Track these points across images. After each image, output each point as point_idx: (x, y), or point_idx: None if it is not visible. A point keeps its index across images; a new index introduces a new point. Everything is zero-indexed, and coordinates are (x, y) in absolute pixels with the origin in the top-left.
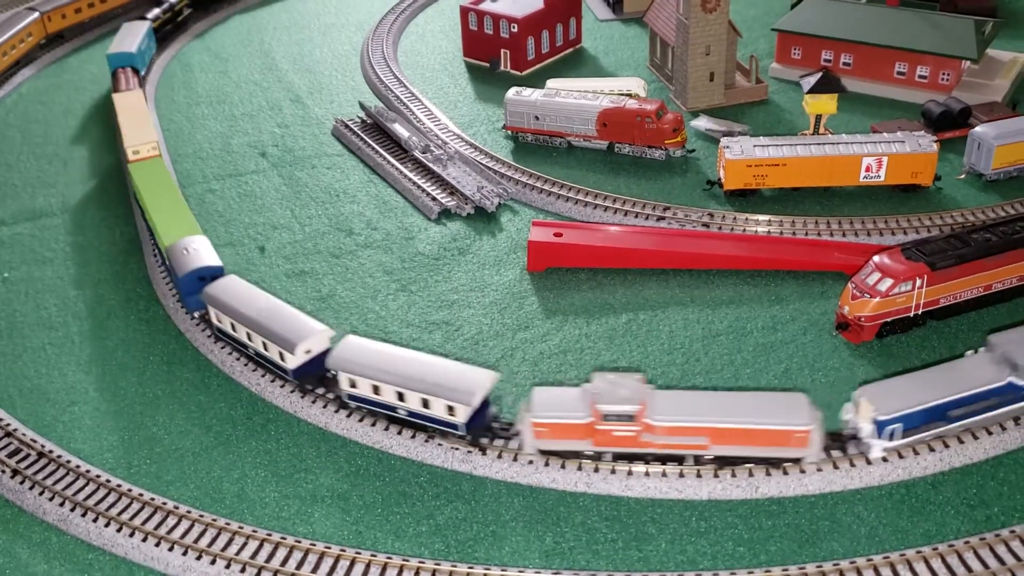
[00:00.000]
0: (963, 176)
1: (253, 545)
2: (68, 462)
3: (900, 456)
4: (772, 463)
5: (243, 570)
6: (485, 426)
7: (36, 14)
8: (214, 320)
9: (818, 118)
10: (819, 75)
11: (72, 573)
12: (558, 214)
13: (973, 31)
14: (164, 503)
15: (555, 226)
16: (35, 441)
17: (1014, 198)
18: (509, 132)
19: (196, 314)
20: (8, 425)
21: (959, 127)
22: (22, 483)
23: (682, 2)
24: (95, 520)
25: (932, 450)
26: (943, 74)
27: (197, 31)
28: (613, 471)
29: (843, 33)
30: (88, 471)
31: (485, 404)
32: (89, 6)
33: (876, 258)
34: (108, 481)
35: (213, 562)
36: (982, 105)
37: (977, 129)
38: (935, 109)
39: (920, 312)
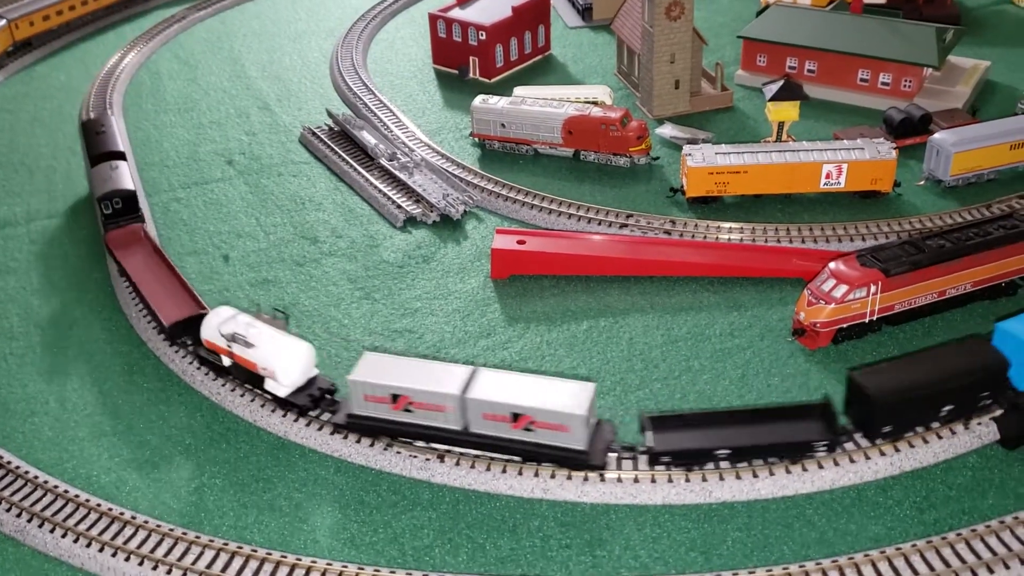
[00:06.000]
0: (922, 183)
1: (210, 555)
2: (26, 473)
3: (851, 460)
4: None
5: None
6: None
7: (3, 21)
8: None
9: (780, 125)
10: (781, 82)
11: None
12: (523, 221)
13: (935, 38)
14: (121, 513)
15: (519, 234)
16: None
17: (971, 204)
18: (476, 139)
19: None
20: None
21: (920, 134)
22: None
23: (647, 10)
24: (52, 531)
25: (883, 454)
26: (905, 81)
27: (167, 37)
28: (570, 477)
29: (807, 40)
30: (46, 482)
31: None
32: (58, 13)
33: (831, 265)
34: (66, 492)
35: (169, 572)
36: (943, 112)
37: (935, 136)
38: (896, 116)
39: (875, 318)
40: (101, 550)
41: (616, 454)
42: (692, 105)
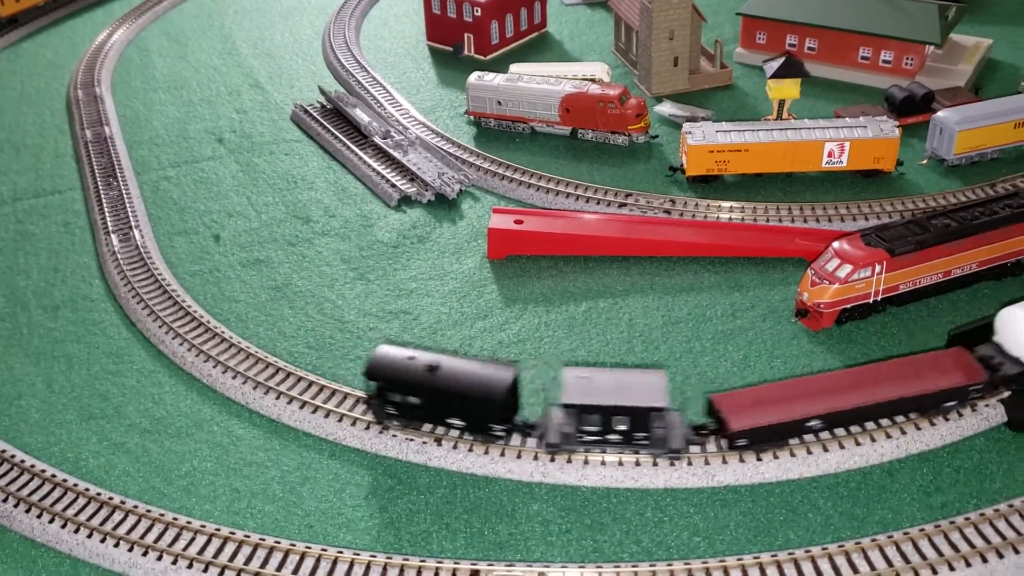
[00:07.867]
0: (925, 162)
1: (201, 540)
2: (13, 457)
3: (857, 443)
4: None
5: (190, 566)
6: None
7: None
8: None
9: (781, 103)
10: (782, 60)
11: (16, 571)
12: (520, 201)
13: (937, 16)
14: (111, 498)
15: (516, 213)
16: None
17: (975, 183)
18: (471, 117)
19: None
20: None
21: (922, 112)
22: None
23: None
24: (39, 516)
25: (889, 437)
26: (907, 59)
27: (156, 14)
28: (569, 460)
29: (808, 17)
30: (33, 466)
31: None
32: None
33: (835, 244)
34: (54, 476)
35: (160, 558)
36: (945, 90)
37: (939, 114)
38: (898, 94)
39: (880, 298)
40: (90, 536)
41: None
42: (691, 83)
